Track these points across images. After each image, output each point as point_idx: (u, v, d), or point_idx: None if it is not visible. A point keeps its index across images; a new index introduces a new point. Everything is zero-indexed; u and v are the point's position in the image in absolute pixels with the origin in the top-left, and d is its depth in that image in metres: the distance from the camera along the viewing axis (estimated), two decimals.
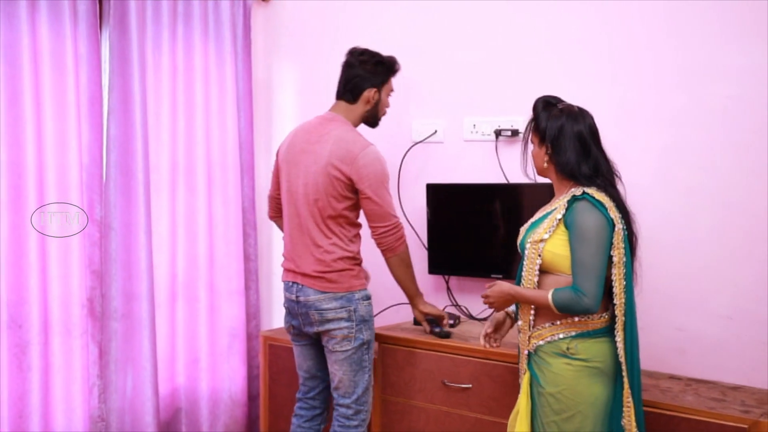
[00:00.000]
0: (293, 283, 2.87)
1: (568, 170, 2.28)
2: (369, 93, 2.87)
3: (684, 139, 2.82)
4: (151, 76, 3.40)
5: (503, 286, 2.37)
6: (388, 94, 2.96)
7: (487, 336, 2.55)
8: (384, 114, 2.98)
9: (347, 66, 2.90)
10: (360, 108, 2.89)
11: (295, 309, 2.87)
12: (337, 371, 2.84)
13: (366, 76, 2.86)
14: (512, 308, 2.51)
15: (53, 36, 3.05)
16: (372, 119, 2.94)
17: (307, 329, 2.87)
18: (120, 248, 3.24)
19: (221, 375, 3.63)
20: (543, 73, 3.13)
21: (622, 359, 2.22)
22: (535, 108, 2.37)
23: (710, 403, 2.46)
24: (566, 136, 2.28)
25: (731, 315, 2.74)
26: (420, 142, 3.45)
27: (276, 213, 3.09)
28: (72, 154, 3.10)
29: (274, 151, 3.94)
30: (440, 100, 3.41)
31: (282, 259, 2.97)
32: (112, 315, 3.22)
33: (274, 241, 3.96)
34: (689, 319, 2.82)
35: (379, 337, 3.09)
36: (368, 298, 2.86)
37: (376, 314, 3.50)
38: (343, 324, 2.79)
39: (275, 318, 3.96)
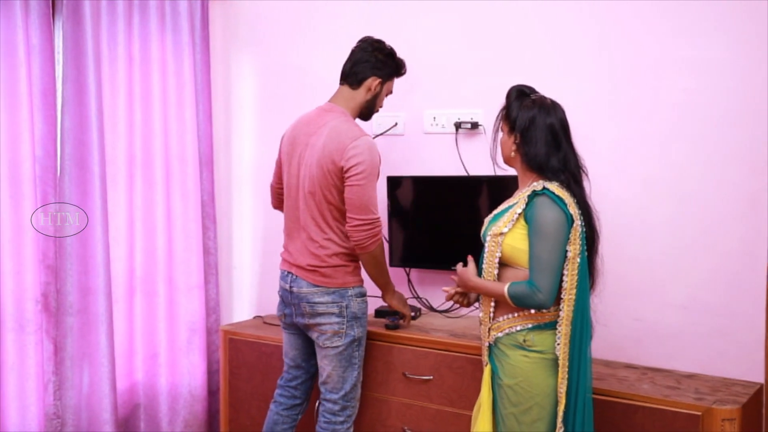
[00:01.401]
0: (288, 272, 2.85)
1: (537, 162, 2.28)
2: (373, 81, 2.82)
3: (639, 130, 2.86)
4: (107, 67, 3.34)
5: (470, 281, 2.37)
6: (387, 93, 2.92)
7: (456, 294, 2.49)
8: (377, 111, 2.94)
9: (359, 50, 2.85)
10: (361, 95, 2.84)
11: (288, 299, 2.85)
12: (326, 366, 2.82)
13: (375, 64, 2.82)
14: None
15: (4, 26, 2.98)
16: (367, 111, 2.89)
17: (297, 320, 2.84)
18: (75, 242, 3.18)
19: (181, 370, 3.59)
20: (501, 66, 3.14)
21: (559, 353, 2.23)
22: (508, 96, 2.36)
23: (665, 391, 2.50)
24: (537, 128, 2.27)
25: (686, 305, 2.78)
26: (381, 134, 3.44)
27: (278, 203, 3.06)
28: (25, 146, 3.04)
29: (233, 144, 3.91)
30: (401, 92, 3.40)
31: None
32: (68, 310, 3.17)
33: (234, 235, 3.93)
34: (646, 309, 2.86)
35: None
36: (362, 295, 2.83)
37: None
38: (334, 319, 2.77)
39: (235, 312, 3.93)
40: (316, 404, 2.93)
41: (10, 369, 3.03)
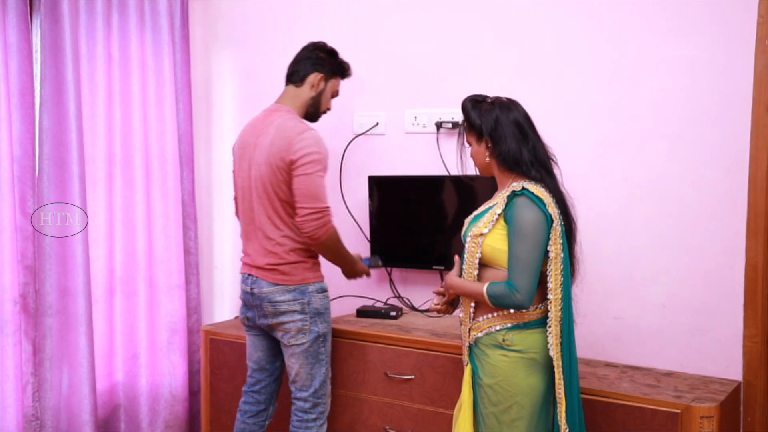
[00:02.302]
0: (248, 275, 2.84)
1: (512, 158, 2.29)
2: (315, 77, 2.85)
3: (619, 130, 2.88)
4: (85, 66, 3.32)
5: (449, 279, 2.39)
6: (333, 93, 2.93)
7: (441, 304, 2.47)
8: (325, 111, 2.94)
9: (301, 50, 2.91)
10: (306, 92, 2.85)
11: (250, 301, 2.84)
12: (294, 364, 2.81)
13: (316, 60, 2.86)
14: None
15: None
16: (314, 110, 2.89)
17: (261, 321, 2.83)
18: (54, 242, 3.15)
19: (161, 370, 3.57)
20: (482, 66, 3.15)
21: (553, 354, 2.24)
22: (464, 108, 2.37)
23: (645, 389, 2.52)
24: (503, 125, 2.29)
25: (665, 303, 2.81)
26: (362, 134, 3.44)
27: None
28: (2, 146, 3.01)
29: (214, 143, 3.89)
30: (382, 92, 3.41)
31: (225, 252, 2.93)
32: (47, 311, 3.14)
33: (214, 235, 3.91)
34: (625, 308, 2.88)
35: None
36: (323, 290, 2.82)
37: None
38: (297, 317, 2.76)
39: (216, 312, 3.91)
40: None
41: None
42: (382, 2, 3.38)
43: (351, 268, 2.96)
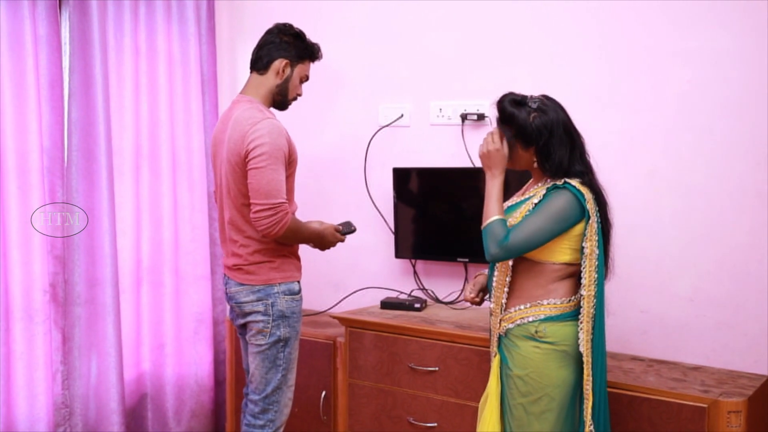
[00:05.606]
0: (225, 275, 2.79)
1: (563, 170, 2.25)
2: (280, 63, 2.67)
3: (645, 123, 2.85)
4: (113, 58, 3.35)
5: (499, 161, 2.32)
6: (302, 78, 2.75)
7: (472, 299, 2.47)
8: (294, 98, 2.76)
9: (264, 35, 2.73)
10: (270, 80, 2.68)
11: (228, 302, 2.79)
12: (251, 364, 2.72)
13: (280, 45, 2.67)
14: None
15: (11, 17, 2.98)
16: (281, 98, 2.72)
17: (236, 322, 2.79)
18: (83, 233, 3.19)
19: (187, 360, 3.61)
20: (507, 58, 3.13)
21: (583, 349, 2.23)
22: (503, 110, 2.27)
23: (671, 384, 2.50)
24: (556, 135, 2.23)
25: (692, 297, 2.78)
26: (386, 125, 3.44)
27: None
28: (32, 137, 3.05)
29: None
30: (406, 83, 3.41)
31: None
32: (75, 300, 3.18)
33: None
34: (652, 302, 2.86)
35: (346, 321, 3.09)
36: (292, 292, 2.68)
37: (342, 299, 3.51)
38: (260, 318, 2.65)
39: None
40: None
41: (18, 358, 3.04)
42: None
43: (319, 244, 2.77)
